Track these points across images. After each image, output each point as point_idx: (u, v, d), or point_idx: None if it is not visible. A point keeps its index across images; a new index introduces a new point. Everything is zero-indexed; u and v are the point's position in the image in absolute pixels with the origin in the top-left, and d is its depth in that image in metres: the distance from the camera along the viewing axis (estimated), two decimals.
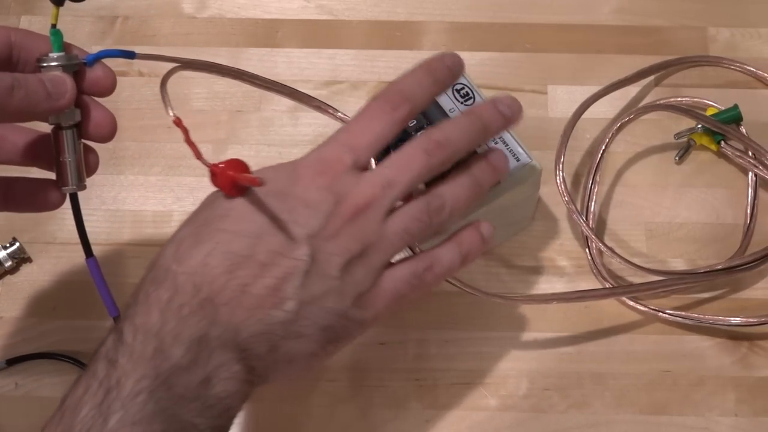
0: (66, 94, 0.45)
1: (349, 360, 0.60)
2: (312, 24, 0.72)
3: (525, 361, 0.60)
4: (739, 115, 0.65)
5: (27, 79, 0.44)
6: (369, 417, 0.58)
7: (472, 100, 0.59)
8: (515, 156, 0.57)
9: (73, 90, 0.45)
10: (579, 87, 0.67)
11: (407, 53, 0.70)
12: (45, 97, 0.44)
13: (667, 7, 0.72)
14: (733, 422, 0.57)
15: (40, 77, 0.44)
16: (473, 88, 0.60)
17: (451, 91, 0.59)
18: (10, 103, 0.43)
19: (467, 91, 0.59)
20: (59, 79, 0.45)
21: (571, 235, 0.64)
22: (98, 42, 0.71)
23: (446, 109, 0.59)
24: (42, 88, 0.44)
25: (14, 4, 0.73)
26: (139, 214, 0.65)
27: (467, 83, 0.60)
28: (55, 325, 0.61)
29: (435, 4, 0.73)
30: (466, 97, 0.59)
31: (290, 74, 0.70)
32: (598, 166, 0.64)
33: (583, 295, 0.58)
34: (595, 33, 0.71)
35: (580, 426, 0.58)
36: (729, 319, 0.59)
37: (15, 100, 0.43)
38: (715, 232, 0.63)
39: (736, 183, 0.65)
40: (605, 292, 0.59)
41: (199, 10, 0.73)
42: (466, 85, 0.60)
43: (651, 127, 0.67)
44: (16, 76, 0.43)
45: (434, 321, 0.61)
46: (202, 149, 0.44)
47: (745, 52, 0.70)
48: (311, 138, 0.67)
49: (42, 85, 0.44)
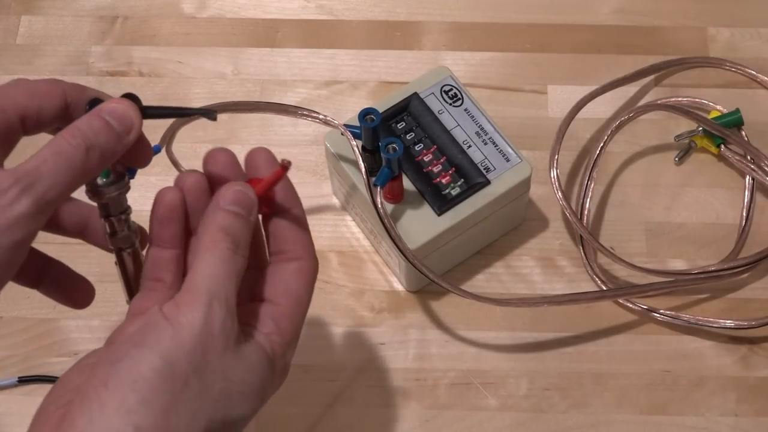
0: (133, 127, 0.40)
1: (349, 360, 0.60)
2: (312, 24, 0.72)
3: (525, 361, 0.60)
4: (740, 119, 0.65)
5: (95, 131, 0.39)
6: (369, 417, 0.58)
7: (461, 102, 0.59)
8: (505, 156, 0.58)
9: (139, 119, 0.41)
10: (579, 87, 0.67)
11: (407, 53, 0.70)
12: (116, 140, 0.39)
13: (667, 7, 0.72)
14: (733, 422, 0.57)
15: (102, 117, 0.39)
16: (461, 89, 0.60)
17: (439, 92, 0.59)
18: (90, 166, 0.39)
19: (456, 92, 0.60)
20: (121, 113, 0.40)
21: (571, 234, 0.64)
22: (98, 42, 0.71)
23: (435, 111, 0.59)
24: (111, 133, 0.39)
25: (14, 4, 0.73)
26: (139, 214, 0.65)
27: (455, 84, 0.60)
28: (55, 325, 0.61)
29: (435, 4, 0.73)
30: (454, 98, 0.59)
31: (290, 74, 0.70)
32: (594, 164, 0.64)
33: (575, 297, 0.58)
34: (595, 33, 0.71)
35: (580, 426, 0.58)
36: (725, 322, 0.59)
37: (93, 161, 0.38)
38: (715, 232, 0.63)
39: (735, 183, 0.65)
40: (597, 295, 0.59)
41: (199, 10, 0.73)
42: (454, 86, 0.60)
43: (651, 127, 0.67)
44: (85, 134, 0.38)
45: (434, 321, 0.61)
46: (201, 149, 0.44)
47: (745, 52, 0.70)
48: (311, 138, 0.67)
49: (109, 128, 0.39)
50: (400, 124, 0.59)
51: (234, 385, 0.38)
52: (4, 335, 0.61)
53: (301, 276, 0.42)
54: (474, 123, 0.59)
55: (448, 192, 0.57)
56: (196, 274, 0.39)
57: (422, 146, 0.58)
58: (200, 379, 0.37)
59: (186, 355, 0.37)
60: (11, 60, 0.71)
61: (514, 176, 0.57)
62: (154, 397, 0.36)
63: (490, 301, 0.56)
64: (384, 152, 0.53)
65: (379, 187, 0.54)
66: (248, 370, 0.39)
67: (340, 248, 0.63)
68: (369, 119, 0.54)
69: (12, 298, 0.62)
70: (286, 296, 0.42)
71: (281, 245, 0.43)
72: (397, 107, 0.59)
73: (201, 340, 0.37)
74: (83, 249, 0.67)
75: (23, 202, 0.36)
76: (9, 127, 0.39)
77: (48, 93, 0.40)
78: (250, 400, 0.39)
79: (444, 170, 0.58)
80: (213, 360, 0.37)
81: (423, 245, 0.56)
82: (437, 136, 0.58)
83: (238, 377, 0.38)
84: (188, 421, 0.36)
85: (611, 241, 0.63)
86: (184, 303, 0.38)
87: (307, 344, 0.60)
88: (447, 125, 0.59)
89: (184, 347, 0.37)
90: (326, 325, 0.61)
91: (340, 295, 0.62)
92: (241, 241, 0.40)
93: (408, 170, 0.57)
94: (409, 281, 0.61)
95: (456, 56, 0.70)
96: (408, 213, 0.57)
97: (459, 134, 0.58)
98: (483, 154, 0.58)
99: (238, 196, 0.41)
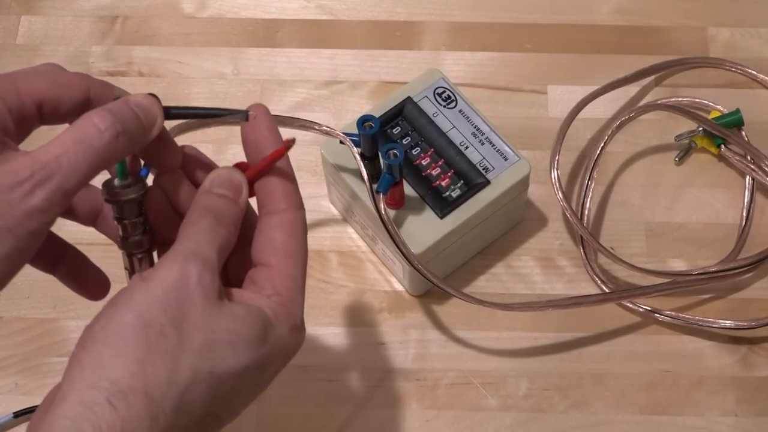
0: (155, 123, 0.40)
1: (349, 360, 0.60)
2: (312, 24, 0.72)
3: (525, 361, 0.60)
4: (740, 119, 0.65)
5: (125, 117, 0.38)
6: (369, 417, 0.58)
7: (455, 104, 0.59)
8: (503, 155, 0.58)
9: (162, 116, 0.40)
10: (579, 87, 0.67)
11: (407, 53, 0.70)
12: (142, 132, 0.39)
13: (667, 7, 0.72)
14: (733, 422, 0.57)
15: (130, 107, 0.39)
16: (454, 91, 0.60)
17: (433, 95, 0.59)
18: (115, 154, 0.38)
19: (449, 94, 0.60)
20: (147, 106, 0.40)
21: (571, 235, 0.64)
22: (98, 42, 0.71)
23: (429, 114, 0.59)
24: (138, 122, 0.39)
25: (14, 4, 0.73)
26: None
27: (448, 86, 0.60)
28: (55, 325, 0.61)
29: (435, 4, 0.73)
30: (448, 100, 0.59)
31: (290, 74, 0.70)
32: (595, 164, 0.64)
33: (579, 301, 0.58)
34: (595, 33, 0.71)
35: (580, 426, 0.58)
36: (725, 322, 0.59)
37: (119, 148, 0.38)
38: (715, 232, 0.63)
39: (736, 184, 0.65)
40: (600, 298, 0.59)
41: (199, 10, 0.73)
42: (447, 88, 0.60)
43: (651, 128, 0.67)
44: (116, 118, 0.38)
45: (434, 321, 0.61)
46: (201, 149, 0.43)
47: (745, 52, 0.70)
48: (311, 138, 0.67)
49: (137, 118, 0.39)
50: (395, 129, 0.59)
51: (219, 335, 0.37)
52: (4, 335, 0.61)
53: (283, 228, 0.41)
54: (470, 124, 0.59)
55: (449, 194, 0.57)
56: (176, 243, 0.39)
57: (419, 150, 0.58)
58: (178, 329, 0.36)
59: (159, 306, 0.36)
60: (11, 60, 0.71)
61: (513, 175, 0.57)
62: (127, 350, 0.35)
63: (495, 306, 0.56)
64: (385, 158, 0.53)
65: (381, 193, 0.54)
66: (235, 320, 0.38)
67: (340, 248, 0.63)
68: (368, 126, 0.53)
69: (12, 298, 0.62)
70: (274, 254, 0.41)
71: (262, 201, 0.42)
72: (392, 112, 0.59)
73: (176, 293, 0.37)
74: (83, 249, 0.67)
75: (38, 195, 0.36)
76: (24, 113, 0.38)
77: (71, 84, 0.39)
78: (240, 351, 0.37)
79: (443, 173, 0.58)
80: (191, 311, 0.37)
81: (427, 249, 0.56)
82: (434, 139, 0.58)
83: (224, 327, 0.37)
84: (168, 372, 0.35)
85: (611, 241, 0.63)
86: (160, 264, 0.38)
87: (307, 344, 0.60)
88: (443, 128, 0.59)
89: (157, 299, 0.36)
90: (326, 325, 0.61)
91: (340, 295, 0.62)
92: (225, 218, 0.40)
93: (407, 175, 0.57)
94: (412, 286, 0.61)
95: (456, 56, 0.70)
96: (410, 218, 0.57)
97: (455, 136, 0.58)
98: (481, 154, 0.58)
99: (224, 180, 0.41)
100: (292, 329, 0.40)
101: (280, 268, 0.40)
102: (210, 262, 0.38)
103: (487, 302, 0.56)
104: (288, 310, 0.40)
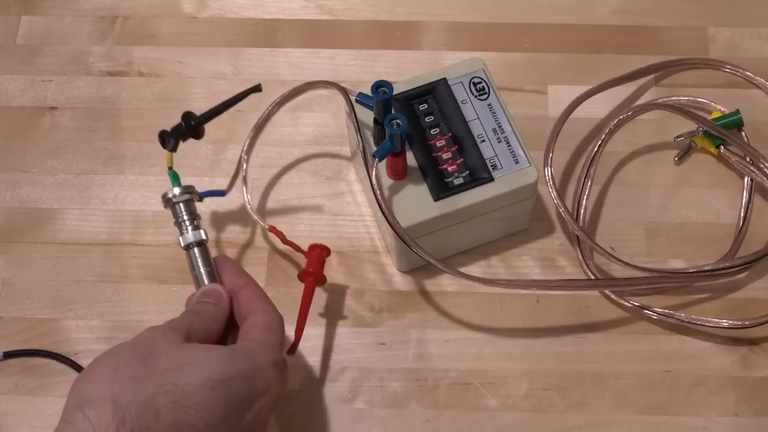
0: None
1: (349, 360, 0.60)
2: (312, 24, 0.72)
3: (525, 361, 0.60)
4: (740, 120, 0.65)
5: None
6: (369, 417, 0.58)
7: (486, 96, 0.59)
8: (515, 157, 0.57)
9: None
10: (579, 87, 0.67)
11: (407, 53, 0.70)
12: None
13: (667, 7, 0.72)
14: (733, 422, 0.57)
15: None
16: (490, 85, 0.60)
17: (468, 83, 0.59)
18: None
19: (484, 85, 0.60)
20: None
21: (571, 234, 0.64)
22: (98, 42, 0.71)
23: (458, 100, 0.59)
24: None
25: (14, 4, 0.73)
26: (139, 214, 0.65)
27: (486, 78, 0.60)
28: (55, 325, 0.61)
29: (435, 4, 0.73)
30: (481, 91, 0.59)
31: (290, 74, 0.70)
32: (592, 162, 0.64)
33: (566, 284, 0.58)
34: (595, 33, 0.71)
35: (580, 426, 0.58)
36: (724, 322, 0.59)
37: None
38: (715, 232, 0.63)
39: (735, 184, 0.65)
40: (588, 284, 0.59)
41: (199, 10, 0.73)
42: (484, 80, 0.60)
43: (650, 127, 0.67)
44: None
45: (434, 321, 0.61)
46: (202, 149, 0.44)
47: (745, 52, 0.70)
48: (311, 138, 0.67)
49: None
50: (422, 106, 0.59)
51: (181, 360, 0.46)
52: (4, 335, 0.61)
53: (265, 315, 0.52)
54: (494, 119, 0.59)
55: (451, 180, 0.57)
56: None
57: (438, 131, 0.58)
58: (143, 362, 0.46)
59: (129, 350, 0.47)
60: (11, 60, 0.71)
61: (518, 178, 0.57)
62: (100, 377, 0.45)
63: (477, 280, 0.56)
64: (388, 126, 0.53)
65: (377, 159, 0.54)
66: (196, 349, 0.47)
67: (340, 248, 0.63)
68: (381, 92, 0.54)
69: (12, 298, 0.62)
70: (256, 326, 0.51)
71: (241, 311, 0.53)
72: (423, 89, 0.59)
73: (143, 340, 0.47)
74: (83, 249, 0.67)
75: None
76: None
77: None
78: (202, 367, 0.46)
79: (453, 159, 0.57)
80: (156, 350, 0.46)
81: (412, 226, 0.56)
82: (455, 125, 0.58)
83: (186, 354, 0.46)
84: (135, 388, 0.44)
85: (611, 241, 0.63)
86: None
87: (307, 344, 0.60)
88: (467, 116, 0.59)
89: (128, 346, 0.47)
90: (326, 325, 0.61)
91: (340, 295, 0.62)
92: (202, 312, 0.51)
93: (417, 151, 0.58)
94: (399, 260, 0.61)
95: (456, 56, 0.70)
96: (406, 191, 0.57)
97: (476, 127, 0.58)
98: (494, 151, 0.58)
99: (205, 292, 0.53)
100: (275, 364, 0.49)
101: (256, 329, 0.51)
102: (177, 327, 0.48)
103: (468, 275, 0.55)
104: (266, 348, 0.49)
